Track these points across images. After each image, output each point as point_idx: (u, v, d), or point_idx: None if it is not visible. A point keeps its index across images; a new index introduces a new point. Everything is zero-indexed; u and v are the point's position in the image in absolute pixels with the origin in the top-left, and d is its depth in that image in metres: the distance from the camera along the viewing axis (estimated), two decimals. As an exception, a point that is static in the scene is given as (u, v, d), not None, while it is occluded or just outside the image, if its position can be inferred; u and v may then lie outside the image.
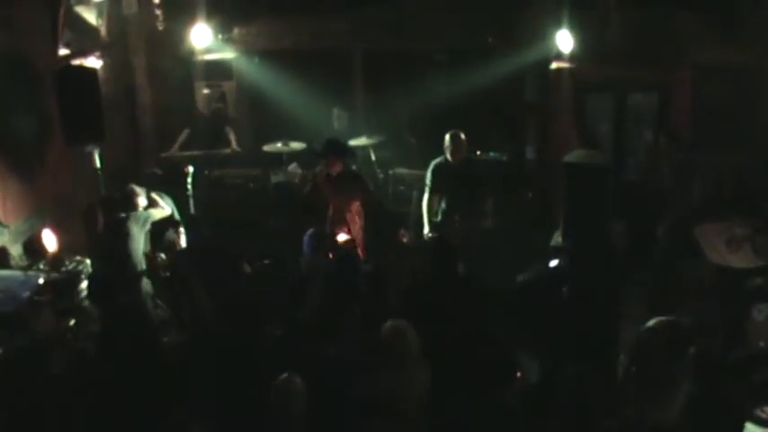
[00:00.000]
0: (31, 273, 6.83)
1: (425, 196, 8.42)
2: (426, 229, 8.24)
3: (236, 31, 11.32)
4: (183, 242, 8.21)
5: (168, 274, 7.88)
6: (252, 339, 5.88)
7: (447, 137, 8.23)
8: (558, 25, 9.82)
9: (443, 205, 8.38)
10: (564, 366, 5.50)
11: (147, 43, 10.83)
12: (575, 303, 6.10)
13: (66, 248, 7.24)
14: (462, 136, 8.23)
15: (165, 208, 7.93)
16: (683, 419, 3.96)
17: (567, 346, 5.87)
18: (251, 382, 5.11)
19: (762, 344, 5.82)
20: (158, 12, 10.89)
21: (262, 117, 11.90)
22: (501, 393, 5.40)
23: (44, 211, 7.66)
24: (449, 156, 8.23)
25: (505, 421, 5.13)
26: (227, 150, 10.46)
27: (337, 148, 8.16)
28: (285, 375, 4.67)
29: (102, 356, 5.85)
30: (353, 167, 8.90)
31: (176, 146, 10.46)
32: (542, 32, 10.20)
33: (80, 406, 5.30)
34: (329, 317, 5.91)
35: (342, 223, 8.09)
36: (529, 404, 5.38)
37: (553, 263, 7.05)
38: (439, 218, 8.37)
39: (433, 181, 8.36)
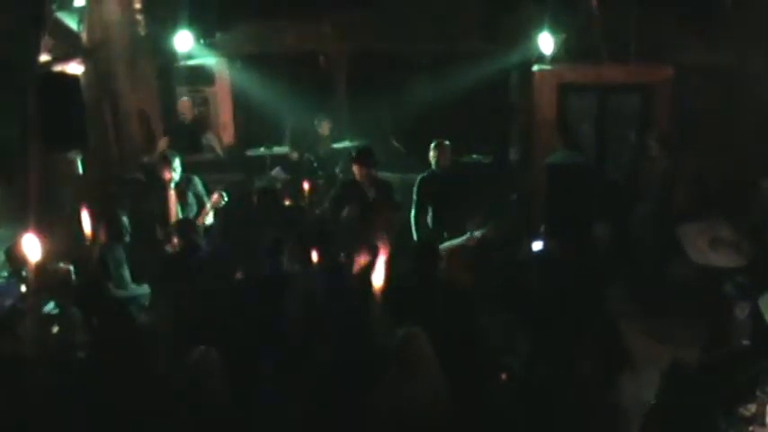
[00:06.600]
0: (12, 280, 6.79)
1: (413, 212, 8.34)
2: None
3: (218, 35, 11.28)
4: None
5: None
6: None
7: (432, 146, 8.21)
8: (540, 27, 9.87)
9: (432, 218, 8.31)
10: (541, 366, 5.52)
11: (128, 49, 10.77)
12: (555, 301, 6.11)
13: (48, 255, 7.19)
14: (446, 143, 8.22)
15: None
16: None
17: (546, 344, 5.88)
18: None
19: (744, 342, 5.84)
20: (140, 17, 10.84)
21: (245, 122, 11.87)
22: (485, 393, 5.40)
23: (26, 218, 7.60)
24: (434, 164, 8.21)
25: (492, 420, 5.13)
26: (210, 155, 10.40)
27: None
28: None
29: (92, 364, 5.83)
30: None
31: (158, 152, 10.41)
32: (525, 34, 10.23)
33: (68, 415, 5.26)
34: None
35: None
36: (513, 403, 5.38)
37: (537, 245, 7.08)
38: (427, 230, 8.28)
39: (419, 194, 8.33)
